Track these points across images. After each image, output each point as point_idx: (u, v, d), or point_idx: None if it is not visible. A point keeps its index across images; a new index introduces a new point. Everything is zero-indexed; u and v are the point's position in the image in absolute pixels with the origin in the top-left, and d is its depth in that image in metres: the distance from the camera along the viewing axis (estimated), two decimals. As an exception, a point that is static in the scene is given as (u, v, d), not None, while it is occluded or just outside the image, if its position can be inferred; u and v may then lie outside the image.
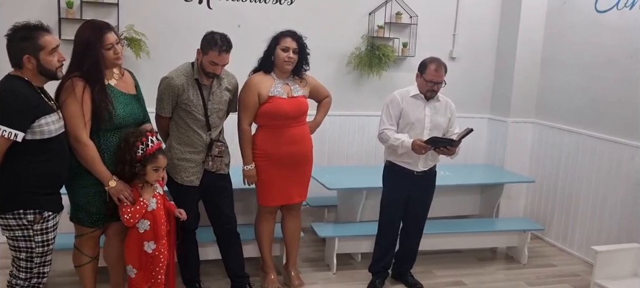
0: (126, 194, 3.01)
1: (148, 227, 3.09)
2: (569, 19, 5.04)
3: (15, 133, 2.55)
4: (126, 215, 3.02)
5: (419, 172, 3.83)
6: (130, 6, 4.50)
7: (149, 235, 3.11)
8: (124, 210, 3.02)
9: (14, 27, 2.67)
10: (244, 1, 4.82)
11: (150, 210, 3.09)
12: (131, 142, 3.00)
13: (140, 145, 2.99)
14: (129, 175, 3.04)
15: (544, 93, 5.33)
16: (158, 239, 3.13)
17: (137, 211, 3.03)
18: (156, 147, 3.06)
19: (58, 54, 2.72)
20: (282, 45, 3.60)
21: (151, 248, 3.12)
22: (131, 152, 2.98)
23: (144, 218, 3.08)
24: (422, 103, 3.79)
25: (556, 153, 5.15)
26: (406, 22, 5.25)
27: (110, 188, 2.98)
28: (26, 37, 2.64)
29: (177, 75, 3.38)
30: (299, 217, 3.98)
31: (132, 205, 3.02)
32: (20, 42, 2.63)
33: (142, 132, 3.05)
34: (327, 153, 5.23)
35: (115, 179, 2.99)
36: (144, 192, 3.08)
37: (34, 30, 2.66)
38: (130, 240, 3.13)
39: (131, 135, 3.02)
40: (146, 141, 3.01)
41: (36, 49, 2.63)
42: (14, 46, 2.65)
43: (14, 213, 2.65)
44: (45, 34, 2.68)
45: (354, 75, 5.22)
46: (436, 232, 4.50)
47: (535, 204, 5.42)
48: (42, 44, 2.65)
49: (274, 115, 3.62)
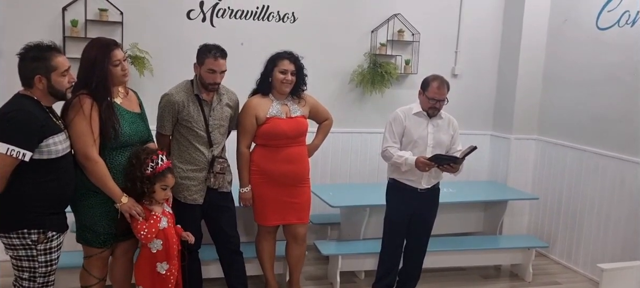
0: (138, 210, 2.99)
1: (160, 247, 3.07)
2: (570, 37, 5.06)
3: (23, 152, 2.55)
4: (142, 232, 2.99)
5: (423, 190, 3.82)
6: (134, 24, 4.53)
7: (161, 256, 3.08)
8: (139, 226, 2.99)
9: (27, 47, 2.68)
10: (247, 19, 4.85)
11: (162, 229, 3.07)
12: (142, 159, 3.00)
13: (150, 163, 3.00)
14: (138, 193, 3.03)
15: (547, 110, 5.34)
16: (170, 259, 3.10)
17: (152, 226, 3.01)
18: (166, 165, 3.07)
19: (69, 75, 2.73)
20: (280, 68, 3.61)
21: (164, 269, 3.09)
22: (141, 169, 2.98)
23: (157, 237, 3.05)
24: (425, 120, 3.79)
25: (559, 170, 5.14)
26: (408, 39, 5.27)
27: (122, 205, 2.96)
28: (39, 57, 2.65)
29: (176, 91, 3.39)
30: (304, 245, 3.94)
31: (145, 221, 3.01)
32: (32, 61, 2.64)
33: (153, 150, 3.06)
34: (329, 170, 5.24)
35: (126, 196, 2.98)
36: (154, 207, 3.07)
37: (46, 50, 2.68)
38: (142, 260, 3.11)
39: (142, 152, 3.03)
40: (156, 159, 3.02)
41: (48, 70, 2.65)
42: (26, 65, 2.65)
43: (18, 233, 2.64)
44: (58, 55, 2.70)
45: (356, 93, 5.23)
46: (440, 250, 4.48)
47: (539, 221, 5.40)
48: (55, 65, 2.66)
49: (273, 135, 3.63)
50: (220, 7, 4.76)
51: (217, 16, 4.77)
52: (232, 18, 4.81)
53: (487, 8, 5.52)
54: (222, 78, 3.42)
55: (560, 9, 5.17)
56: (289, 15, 4.95)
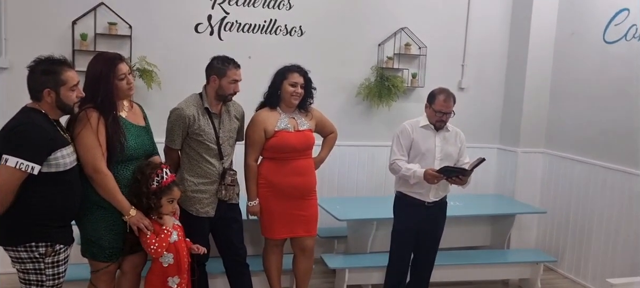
0: (146, 223, 2.98)
1: (172, 261, 3.06)
2: (577, 50, 5.06)
3: (32, 166, 2.56)
4: (152, 246, 2.97)
5: (430, 203, 3.81)
6: (143, 38, 4.56)
7: (172, 270, 3.07)
8: (149, 241, 2.97)
9: (38, 60, 2.70)
10: (255, 33, 4.88)
11: (173, 242, 3.06)
12: (147, 174, 2.99)
13: (155, 177, 2.99)
14: (144, 208, 3.02)
15: (554, 123, 5.32)
16: (181, 273, 3.09)
17: (163, 240, 3.00)
18: (170, 179, 3.06)
19: (77, 90, 2.74)
20: (290, 80, 3.62)
21: (175, 283, 3.08)
22: (147, 184, 2.98)
23: (168, 251, 3.04)
24: (432, 133, 3.79)
25: (567, 184, 5.11)
26: (415, 53, 5.29)
27: (131, 218, 2.96)
28: (49, 71, 2.66)
29: (187, 105, 3.40)
30: (312, 258, 3.93)
31: (155, 235, 3.00)
32: (42, 75, 2.65)
33: (157, 164, 3.06)
34: (336, 184, 5.23)
35: (134, 209, 2.97)
36: (165, 220, 3.07)
37: (57, 64, 2.69)
38: (153, 275, 3.08)
39: (146, 167, 3.02)
40: (161, 173, 3.01)
41: (57, 84, 2.66)
42: (35, 78, 2.67)
43: (25, 246, 2.64)
44: (68, 69, 2.71)
45: (363, 106, 5.24)
46: (447, 264, 4.46)
47: (547, 235, 5.37)
48: (64, 80, 2.67)
49: (281, 148, 3.63)
50: (228, 20, 4.79)
51: (224, 30, 4.80)
52: (240, 32, 4.84)
53: (494, 22, 5.53)
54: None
55: (568, 22, 5.17)
56: (296, 29, 4.98)
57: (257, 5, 4.86)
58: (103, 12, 4.44)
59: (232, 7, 4.79)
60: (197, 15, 4.73)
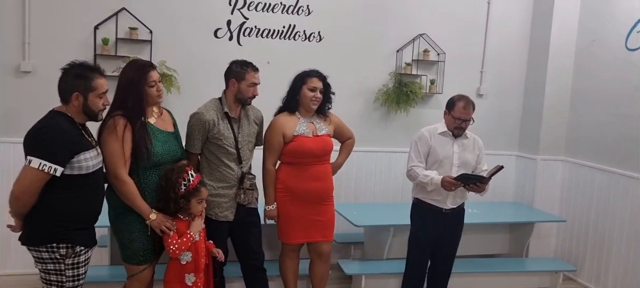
0: (168, 225, 3.05)
1: (190, 259, 3.11)
2: (598, 57, 5.00)
3: (55, 168, 2.60)
4: (172, 246, 3.04)
5: (448, 210, 3.79)
6: (163, 43, 4.61)
7: (190, 268, 3.12)
8: (170, 241, 3.04)
9: (72, 64, 2.76)
10: (273, 38, 4.90)
11: (193, 242, 3.12)
12: (174, 179, 3.05)
13: (182, 182, 3.05)
14: (172, 211, 3.09)
15: (574, 130, 5.26)
16: (198, 272, 3.15)
17: (184, 243, 3.06)
18: (197, 180, 3.12)
19: (105, 98, 2.80)
20: (309, 85, 3.64)
21: (191, 281, 3.13)
22: (175, 189, 3.04)
23: (188, 250, 3.10)
24: (450, 140, 3.77)
25: (587, 192, 5.05)
26: (434, 59, 5.27)
27: (151, 221, 3.03)
28: (81, 75, 2.72)
29: (206, 110, 3.43)
30: (329, 263, 3.93)
31: (178, 237, 3.06)
32: (74, 78, 2.71)
33: (182, 169, 3.10)
34: (353, 189, 5.23)
35: (154, 212, 3.04)
36: (193, 226, 3.12)
37: (90, 70, 2.75)
38: (172, 272, 3.14)
39: (172, 173, 3.07)
40: (187, 177, 3.07)
41: (87, 89, 2.71)
42: (66, 81, 2.72)
43: (47, 247, 2.68)
44: (100, 77, 2.77)
45: (381, 112, 5.24)
46: (465, 271, 4.44)
47: (567, 244, 5.30)
48: (94, 86, 2.73)
49: (299, 153, 3.64)
50: (247, 25, 4.83)
51: (243, 35, 4.83)
52: (259, 37, 4.86)
53: (513, 28, 5.50)
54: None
55: (589, 29, 5.12)
56: (315, 35, 4.99)
57: (276, 11, 4.88)
58: (124, 17, 4.49)
59: (252, 12, 4.82)
60: (217, 21, 4.77)
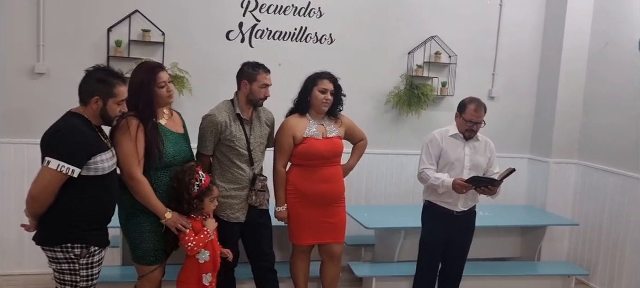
0: (183, 223, 3.09)
1: (208, 258, 3.15)
2: (611, 59, 4.96)
3: (72, 169, 2.63)
4: (190, 243, 3.07)
5: (459, 212, 3.78)
6: (175, 45, 4.64)
7: (208, 267, 3.16)
8: (187, 238, 3.08)
9: (96, 67, 2.80)
10: (285, 40, 4.92)
11: (210, 241, 3.16)
12: (186, 181, 3.07)
13: (195, 182, 3.08)
14: (187, 211, 3.11)
15: (587, 133, 5.23)
16: (214, 271, 3.19)
17: (201, 240, 3.10)
18: (208, 180, 3.16)
19: (122, 105, 2.83)
20: (320, 87, 3.64)
21: (208, 281, 3.17)
22: (188, 191, 3.07)
23: (205, 248, 3.13)
24: (462, 143, 3.76)
25: (600, 196, 5.01)
26: (445, 61, 5.26)
27: (167, 220, 3.06)
28: (104, 80, 2.75)
29: (218, 112, 3.45)
30: (339, 265, 3.94)
31: (194, 233, 3.09)
32: (97, 82, 2.74)
33: (192, 170, 3.13)
34: (364, 191, 5.22)
35: (170, 211, 3.07)
36: (208, 223, 3.16)
37: (113, 77, 2.78)
38: (188, 272, 3.17)
39: (184, 174, 3.10)
40: (199, 177, 3.10)
41: (108, 95, 2.74)
42: (89, 83, 2.75)
43: (62, 247, 2.71)
44: (121, 85, 2.80)
45: (392, 114, 5.23)
46: (476, 274, 4.41)
47: (579, 248, 5.26)
48: (115, 93, 2.76)
49: (309, 155, 3.65)
50: (259, 27, 4.84)
51: (255, 37, 4.85)
52: (270, 39, 4.88)
53: (525, 30, 5.47)
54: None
55: (601, 32, 5.08)
56: (327, 37, 5.00)
57: (288, 13, 4.90)
58: (137, 19, 4.52)
59: (263, 14, 4.84)
60: (229, 23, 4.79)
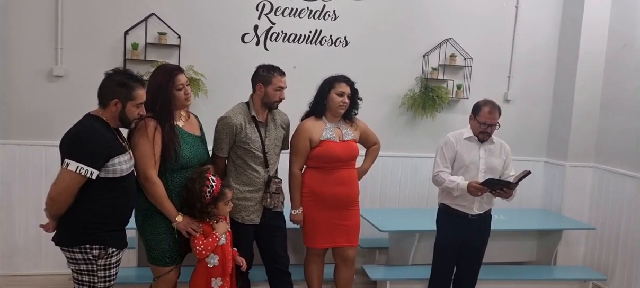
0: (194, 227, 3.09)
1: (217, 263, 3.14)
2: (629, 62, 4.91)
3: (91, 171, 2.66)
4: (198, 247, 3.08)
5: (474, 216, 3.76)
6: (190, 47, 4.67)
7: (217, 271, 3.16)
8: (196, 241, 3.09)
9: (116, 70, 2.83)
10: (300, 43, 4.93)
11: (220, 245, 3.15)
12: (197, 189, 3.07)
13: (207, 190, 3.08)
14: (200, 215, 3.12)
15: (604, 137, 5.17)
16: (225, 276, 3.18)
17: (210, 243, 3.10)
18: (219, 184, 3.14)
19: (141, 108, 2.86)
20: (337, 90, 3.65)
21: (218, 285, 3.17)
22: (200, 199, 3.08)
23: (214, 253, 3.13)
24: (477, 145, 3.75)
25: (618, 199, 4.95)
26: (460, 64, 5.24)
27: (178, 223, 3.08)
28: (123, 83, 2.78)
29: (234, 114, 3.47)
30: (353, 268, 3.93)
31: (203, 237, 3.09)
32: (117, 85, 2.77)
33: (202, 177, 3.11)
34: (379, 194, 5.22)
35: (181, 214, 3.09)
36: (218, 227, 3.15)
37: (133, 80, 2.81)
38: (198, 276, 3.17)
39: (194, 183, 3.09)
40: (209, 184, 3.09)
41: (127, 98, 2.78)
42: (109, 86, 2.78)
43: (80, 248, 2.74)
44: (140, 88, 2.83)
45: (407, 117, 5.22)
46: (492, 279, 4.38)
47: (596, 252, 5.21)
48: (134, 96, 2.79)
49: (326, 158, 3.65)
50: (274, 30, 4.87)
51: (270, 40, 4.87)
52: (285, 41, 4.90)
53: (542, 33, 5.43)
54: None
55: (619, 34, 5.03)
56: (341, 40, 5.01)
57: (303, 16, 4.91)
58: (154, 22, 4.57)
59: (278, 17, 4.86)
60: (244, 26, 4.82)
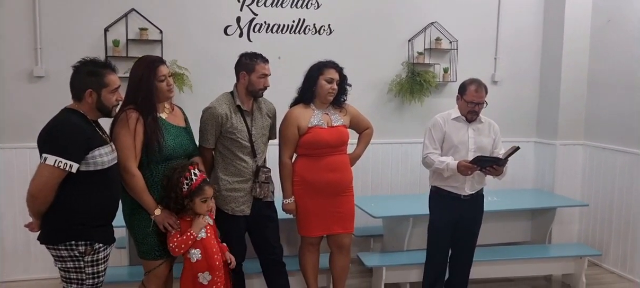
0: (171, 222, 3.03)
1: (200, 257, 3.05)
2: (614, 37, 4.91)
3: (71, 164, 2.60)
4: (172, 244, 3.01)
5: (466, 196, 3.73)
6: (173, 42, 4.61)
7: (202, 265, 3.05)
8: (170, 239, 3.02)
9: (83, 61, 2.77)
10: (284, 33, 4.89)
11: (200, 239, 3.06)
12: (175, 179, 3.00)
13: (185, 181, 3.00)
14: (177, 209, 3.05)
15: (593, 113, 5.17)
16: (212, 270, 3.07)
17: (183, 241, 3.01)
18: (200, 179, 3.05)
19: (117, 94, 2.81)
20: (326, 76, 3.60)
21: (207, 280, 3.06)
22: (176, 190, 3.00)
23: (195, 247, 3.05)
24: (465, 125, 3.72)
25: (609, 175, 4.95)
26: (446, 47, 5.21)
27: (156, 216, 3.02)
28: (93, 72, 2.73)
29: (219, 104, 3.41)
30: (349, 256, 3.88)
31: (179, 234, 3.02)
32: (86, 76, 2.72)
33: (184, 167, 3.04)
34: (370, 182, 5.18)
35: (160, 208, 3.03)
36: (194, 225, 3.05)
37: (101, 67, 2.76)
38: (185, 272, 3.10)
39: (174, 172, 3.02)
40: (189, 176, 3.01)
41: (100, 86, 2.72)
42: (79, 78, 2.73)
43: (65, 245, 2.68)
44: (111, 73, 2.78)
45: (395, 103, 5.19)
46: (487, 260, 4.36)
47: (590, 229, 5.21)
48: (107, 82, 2.74)
49: (315, 144, 3.61)
50: (257, 21, 4.81)
51: (253, 31, 4.81)
52: (269, 32, 4.85)
53: (526, 13, 5.42)
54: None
55: (603, 9, 5.03)
56: (325, 28, 4.96)
57: (285, 6, 4.86)
58: (134, 18, 4.50)
59: (261, 8, 4.81)
60: (226, 18, 4.76)
